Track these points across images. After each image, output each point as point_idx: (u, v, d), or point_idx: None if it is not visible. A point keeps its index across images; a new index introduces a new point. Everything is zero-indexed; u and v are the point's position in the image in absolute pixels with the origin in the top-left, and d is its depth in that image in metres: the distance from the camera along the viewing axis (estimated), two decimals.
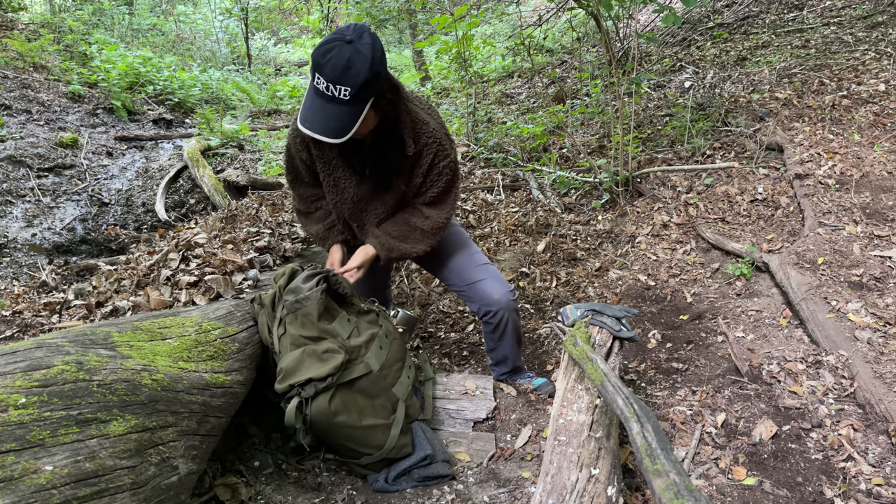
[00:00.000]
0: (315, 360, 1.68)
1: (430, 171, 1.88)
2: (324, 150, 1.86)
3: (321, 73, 1.52)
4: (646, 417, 1.27)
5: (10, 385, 1.02)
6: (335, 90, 1.52)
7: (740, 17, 6.94)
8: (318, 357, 1.69)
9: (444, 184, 1.91)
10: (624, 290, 2.98)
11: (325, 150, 1.86)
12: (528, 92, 6.93)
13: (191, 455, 1.28)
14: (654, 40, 3.93)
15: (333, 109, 1.55)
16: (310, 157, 1.92)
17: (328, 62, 1.51)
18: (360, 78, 1.51)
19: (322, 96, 1.55)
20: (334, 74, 1.51)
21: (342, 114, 1.56)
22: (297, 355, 1.70)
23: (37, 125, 5.91)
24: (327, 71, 1.51)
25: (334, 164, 1.89)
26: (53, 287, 2.43)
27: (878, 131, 3.74)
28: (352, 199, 1.95)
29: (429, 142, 1.83)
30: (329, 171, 1.91)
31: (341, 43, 1.51)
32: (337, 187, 1.94)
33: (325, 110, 1.55)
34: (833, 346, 2.10)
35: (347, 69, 1.50)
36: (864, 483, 1.57)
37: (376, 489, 1.77)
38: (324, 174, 1.93)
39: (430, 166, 1.87)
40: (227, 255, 2.22)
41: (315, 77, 1.54)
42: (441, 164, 1.88)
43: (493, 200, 4.20)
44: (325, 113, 1.55)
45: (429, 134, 1.83)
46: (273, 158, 6.07)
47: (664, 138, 4.39)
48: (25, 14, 9.34)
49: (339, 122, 1.57)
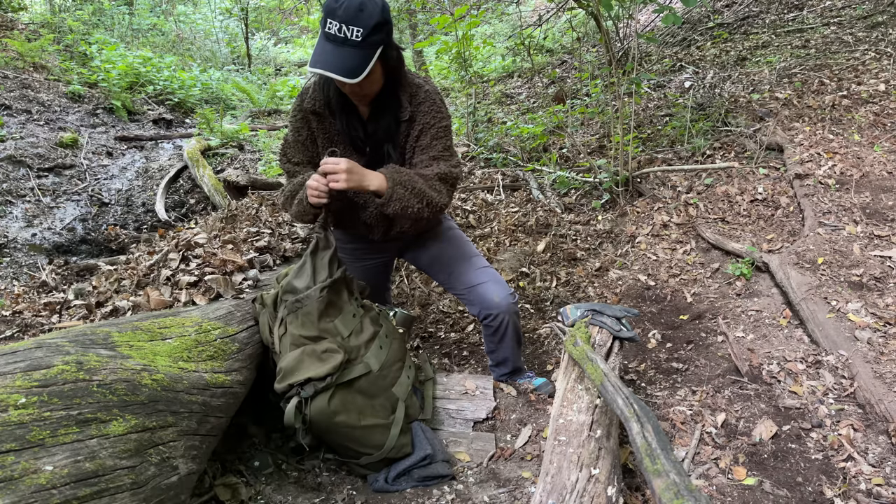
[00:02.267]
0: (314, 360, 1.69)
1: (424, 133, 1.83)
2: (325, 123, 1.86)
3: (333, 17, 1.54)
4: (646, 417, 1.27)
5: (10, 385, 1.02)
6: (348, 31, 1.54)
7: (740, 17, 6.94)
8: (317, 357, 1.69)
9: (438, 147, 1.84)
10: (624, 290, 2.98)
11: (326, 123, 1.85)
12: (528, 92, 6.93)
13: (191, 455, 1.28)
14: (654, 40, 3.93)
15: (346, 51, 1.57)
16: (310, 136, 1.90)
17: (341, 5, 1.54)
18: (372, 20, 1.55)
19: (333, 40, 1.56)
20: (347, 15, 1.54)
21: (354, 55, 1.57)
22: (297, 355, 1.70)
23: (37, 125, 5.91)
24: (340, 13, 1.54)
25: (336, 140, 1.88)
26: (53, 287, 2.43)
27: (878, 131, 3.74)
28: None
29: (424, 102, 1.83)
30: (329, 145, 1.89)
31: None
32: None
33: (337, 53, 1.57)
34: (833, 346, 2.10)
35: (360, 10, 1.54)
36: (864, 483, 1.57)
37: (376, 489, 1.77)
38: (324, 149, 1.89)
39: (425, 128, 1.83)
40: (227, 255, 2.22)
41: (327, 23, 1.56)
42: (433, 125, 1.83)
43: (493, 200, 4.20)
44: (336, 54, 1.57)
45: (423, 95, 1.83)
46: (273, 158, 6.06)
47: (664, 138, 4.39)
48: (25, 14, 9.34)
49: (352, 62, 1.58)
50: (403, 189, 1.73)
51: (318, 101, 1.82)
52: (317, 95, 1.82)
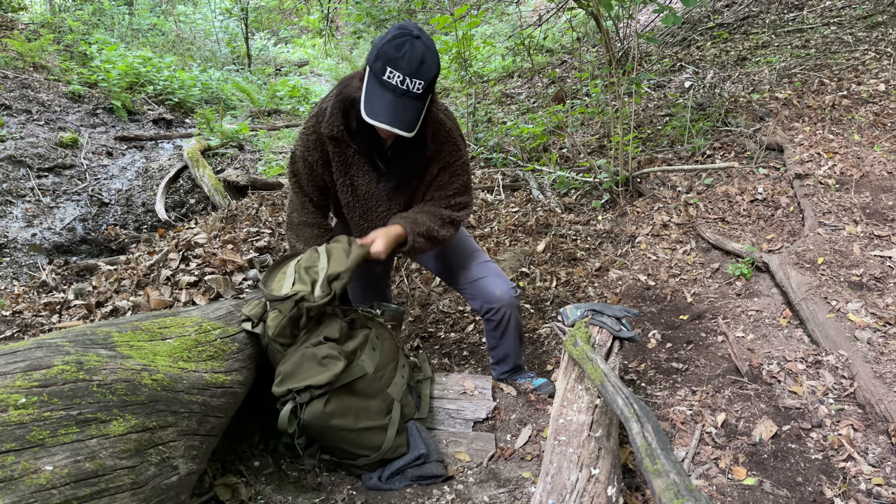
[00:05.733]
0: (314, 365, 1.68)
1: (444, 170, 1.89)
2: (342, 147, 1.84)
3: (395, 68, 1.52)
4: (646, 417, 1.27)
5: (10, 385, 1.02)
6: (410, 84, 1.54)
7: (740, 17, 6.94)
8: (317, 362, 1.68)
9: (459, 185, 1.93)
10: (624, 290, 2.98)
11: (344, 147, 1.84)
12: (528, 92, 6.93)
13: (191, 455, 1.28)
14: (654, 40, 3.93)
15: (405, 103, 1.56)
16: (322, 158, 1.87)
17: (403, 56, 1.52)
18: (431, 72, 1.55)
19: (394, 90, 1.54)
20: (411, 68, 1.52)
21: (412, 107, 1.58)
22: (297, 359, 1.70)
23: (37, 125, 5.91)
24: (403, 65, 1.52)
25: (351, 162, 1.87)
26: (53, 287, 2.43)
27: (878, 131, 3.74)
28: (365, 196, 1.94)
29: (445, 142, 1.85)
30: (345, 169, 1.89)
31: (410, 37, 1.53)
32: (352, 186, 1.92)
33: (397, 104, 1.56)
34: (833, 346, 2.10)
35: (422, 63, 1.53)
36: (864, 483, 1.57)
37: (369, 486, 1.77)
38: (339, 173, 1.89)
39: (445, 166, 1.89)
40: (227, 255, 2.22)
41: (387, 71, 1.53)
42: (454, 164, 1.90)
43: (493, 200, 4.20)
44: (398, 106, 1.56)
45: (445, 134, 1.84)
46: (273, 158, 6.07)
47: (664, 138, 4.39)
48: (25, 14, 9.34)
49: (410, 116, 1.58)
50: (423, 238, 1.87)
51: (337, 127, 1.78)
52: (335, 121, 1.77)
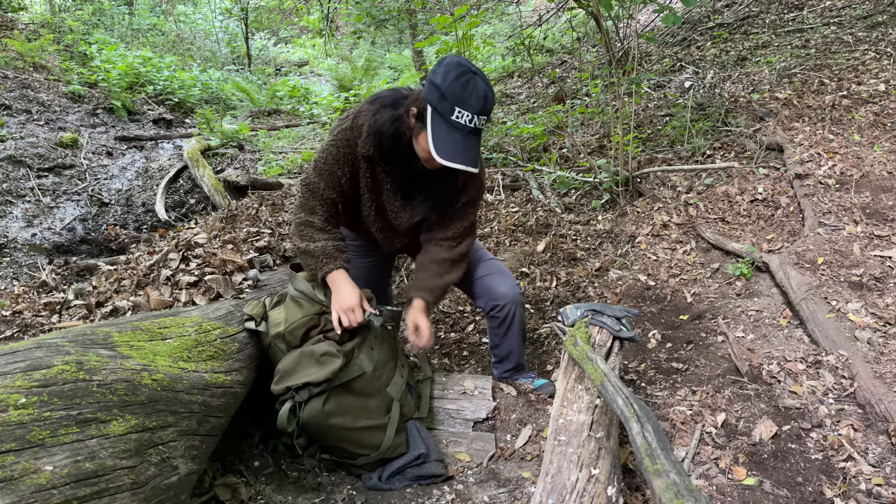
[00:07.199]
0: (313, 363, 1.68)
1: (468, 204, 1.92)
2: (375, 168, 1.81)
3: (465, 107, 1.52)
4: (646, 417, 1.27)
5: (10, 385, 1.02)
6: (478, 121, 1.55)
7: (740, 17, 6.94)
8: (315, 360, 1.69)
9: (471, 218, 1.96)
10: (624, 290, 2.98)
11: (374, 166, 1.81)
12: (528, 92, 6.93)
13: (191, 455, 1.28)
14: (654, 40, 3.93)
15: (472, 140, 1.57)
16: (351, 172, 1.82)
17: (471, 95, 1.53)
18: (490, 106, 1.57)
19: (462, 129, 1.54)
20: (478, 106, 1.54)
21: (476, 142, 1.59)
22: (295, 356, 1.70)
23: (37, 125, 5.91)
24: (472, 103, 1.53)
25: (381, 181, 1.85)
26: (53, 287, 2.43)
27: (878, 131, 3.74)
28: (389, 214, 1.93)
29: (475, 177, 1.87)
30: (374, 186, 1.86)
31: (472, 74, 1.54)
32: (377, 203, 1.90)
33: (467, 143, 1.57)
34: (833, 346, 2.10)
35: (485, 99, 1.55)
36: (864, 483, 1.57)
37: (369, 486, 1.77)
38: (365, 189, 1.86)
39: (470, 200, 1.92)
40: (227, 255, 2.21)
41: (455, 111, 1.52)
42: (477, 198, 1.95)
43: (493, 200, 4.20)
44: (466, 145, 1.57)
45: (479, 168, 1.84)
46: (273, 158, 6.06)
47: (664, 138, 4.39)
48: (25, 14, 9.34)
49: (475, 152, 1.61)
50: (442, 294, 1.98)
51: (373, 148, 1.75)
52: (371, 141, 1.74)
